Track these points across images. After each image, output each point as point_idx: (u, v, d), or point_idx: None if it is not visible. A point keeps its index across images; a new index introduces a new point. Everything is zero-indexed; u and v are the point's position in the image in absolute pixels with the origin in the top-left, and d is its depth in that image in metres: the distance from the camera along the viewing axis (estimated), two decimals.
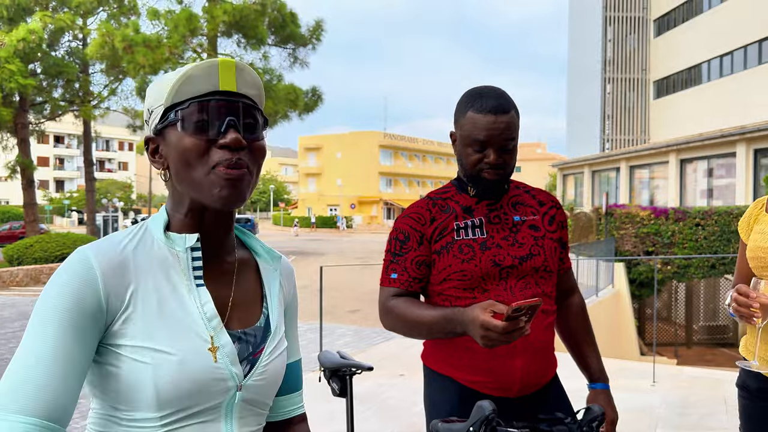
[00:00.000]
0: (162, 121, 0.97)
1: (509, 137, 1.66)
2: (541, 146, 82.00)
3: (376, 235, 50.09)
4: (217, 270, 1.04)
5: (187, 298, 0.97)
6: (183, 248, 0.99)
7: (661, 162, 23.22)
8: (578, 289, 1.98)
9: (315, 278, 8.57)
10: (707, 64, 26.10)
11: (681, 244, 15.95)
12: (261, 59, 24.90)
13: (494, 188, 1.73)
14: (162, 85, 0.98)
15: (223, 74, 0.96)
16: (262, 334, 1.05)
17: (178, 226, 1.02)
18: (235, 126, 0.95)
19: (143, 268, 0.96)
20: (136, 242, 0.98)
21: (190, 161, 0.95)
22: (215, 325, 0.97)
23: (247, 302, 1.07)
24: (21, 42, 19.81)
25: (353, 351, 7.73)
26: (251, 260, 1.12)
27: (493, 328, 1.36)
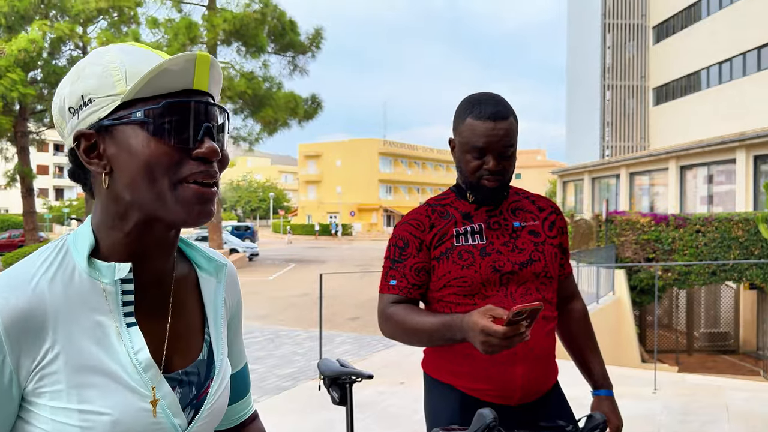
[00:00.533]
0: (113, 116, 0.79)
1: (508, 144, 1.66)
2: (540, 153, 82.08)
3: (376, 242, 50.07)
4: (153, 297, 0.88)
5: (116, 345, 0.80)
6: (111, 281, 0.81)
7: (660, 169, 23.24)
8: (580, 295, 1.97)
9: (315, 286, 8.55)
10: (706, 71, 26.16)
11: (681, 251, 15.93)
12: (261, 67, 25.00)
13: (493, 195, 1.72)
14: (108, 68, 0.80)
15: (198, 71, 0.80)
16: (206, 369, 0.92)
17: (109, 249, 0.83)
18: (210, 133, 0.82)
19: (62, 309, 0.78)
20: (53, 272, 0.79)
21: (155, 171, 0.79)
22: (152, 375, 0.82)
23: (188, 331, 0.91)
24: (22, 51, 19.88)
25: (353, 359, 7.70)
26: (191, 275, 0.95)
27: (493, 333, 1.34)
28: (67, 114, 0.83)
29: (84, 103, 0.81)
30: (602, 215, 16.76)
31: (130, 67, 0.80)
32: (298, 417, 5.28)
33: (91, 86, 0.80)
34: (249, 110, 24.42)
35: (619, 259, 16.01)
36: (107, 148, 0.81)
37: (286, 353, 8.42)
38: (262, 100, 23.69)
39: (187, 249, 0.97)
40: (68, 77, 0.84)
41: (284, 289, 18.20)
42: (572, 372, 1.96)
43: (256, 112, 24.13)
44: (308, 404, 5.56)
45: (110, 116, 0.80)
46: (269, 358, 8.08)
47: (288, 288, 18.60)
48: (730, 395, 5.77)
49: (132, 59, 0.81)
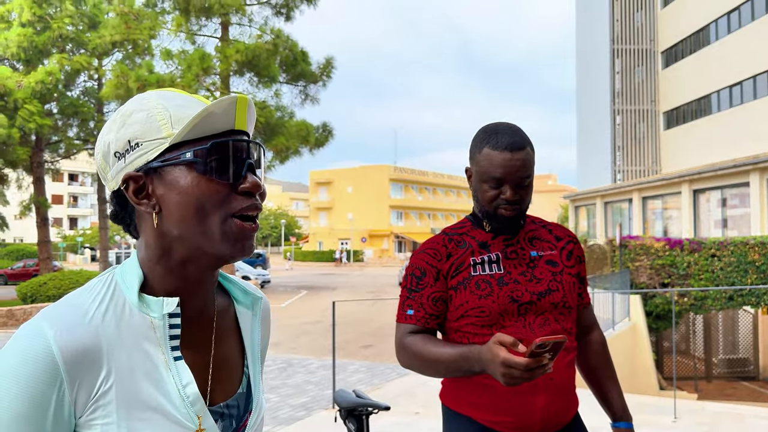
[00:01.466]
0: (161, 159, 0.84)
1: (525, 174, 1.66)
2: (551, 178, 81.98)
3: (387, 268, 49.92)
4: (197, 331, 0.91)
5: (165, 378, 0.83)
6: (160, 315, 0.84)
7: (673, 193, 23.11)
8: (598, 325, 1.94)
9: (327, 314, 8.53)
10: (716, 94, 26.15)
11: (697, 276, 15.74)
12: (273, 97, 25.28)
13: (510, 224, 1.71)
14: (153, 113, 0.85)
15: (239, 112, 0.86)
16: (245, 402, 0.94)
17: (157, 283, 0.87)
18: (254, 169, 0.87)
19: (115, 342, 0.81)
20: (105, 308, 0.83)
21: (206, 208, 0.83)
22: (199, 409, 0.84)
23: (228, 364, 0.94)
24: (39, 84, 20.28)
25: (367, 387, 7.63)
26: (230, 308, 0.99)
27: (515, 365, 1.32)
28: (112, 159, 0.87)
29: (131, 148, 0.85)
30: (616, 240, 16.64)
31: (174, 112, 0.85)
32: None
33: (138, 131, 0.85)
34: (261, 139, 24.64)
35: (634, 284, 15.84)
36: (156, 188, 0.85)
37: (299, 382, 8.36)
38: (274, 128, 23.91)
39: (225, 282, 1.01)
40: (112, 123, 0.88)
41: (296, 317, 18.13)
42: (591, 399, 1.93)
43: (269, 141, 24.34)
44: None
45: (158, 158, 0.84)
46: (282, 388, 8.02)
47: (300, 315, 18.53)
48: (753, 423, 5.64)
49: (174, 104, 0.86)
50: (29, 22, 20.63)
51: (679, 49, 29.65)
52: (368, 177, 64.48)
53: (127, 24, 21.74)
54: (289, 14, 25.25)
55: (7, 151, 20.59)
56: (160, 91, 0.89)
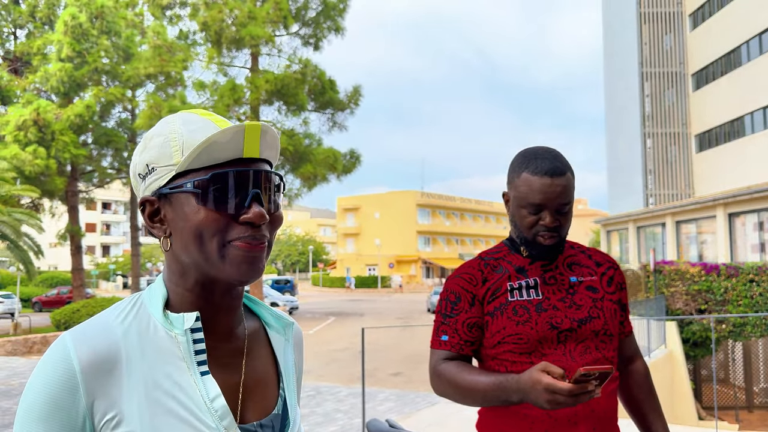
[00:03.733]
0: (171, 185, 0.85)
1: (565, 201, 1.62)
2: (582, 202, 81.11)
3: (415, 294, 49.62)
4: (225, 349, 0.91)
5: (192, 393, 0.83)
6: (182, 330, 0.85)
7: (708, 216, 22.62)
8: (641, 355, 1.87)
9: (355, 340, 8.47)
10: (750, 116, 25.72)
11: (735, 302, 15.29)
12: (301, 124, 25.61)
13: (549, 252, 1.67)
14: (169, 139, 0.86)
15: (248, 140, 0.84)
16: (281, 424, 0.93)
17: (179, 303, 0.89)
18: (259, 198, 0.85)
19: (137, 356, 0.82)
20: (129, 323, 0.85)
21: (204, 235, 0.84)
22: (227, 425, 0.84)
23: (262, 385, 0.94)
24: (77, 116, 20.88)
25: (397, 416, 7.51)
26: (261, 332, 0.99)
27: (558, 390, 1.28)
28: (138, 179, 0.90)
29: (149, 171, 0.88)
30: (650, 265, 16.30)
31: (187, 138, 0.86)
32: None
33: (154, 156, 0.87)
34: (290, 166, 24.91)
35: (670, 310, 15.45)
36: (167, 213, 0.87)
37: (328, 410, 8.27)
38: (303, 156, 24.17)
39: (254, 306, 1.02)
40: (139, 145, 0.91)
41: (325, 344, 18.06)
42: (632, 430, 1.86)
43: (297, 168, 24.60)
44: None
45: (168, 185, 0.86)
46: (312, 416, 7.94)
47: (328, 342, 18.46)
48: None
49: (189, 129, 0.87)
50: (68, 57, 21.32)
51: (710, 71, 29.31)
52: (395, 203, 64.57)
53: (160, 56, 22.34)
54: (317, 44, 25.71)
55: (45, 181, 21.16)
56: (186, 114, 0.90)
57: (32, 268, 19.04)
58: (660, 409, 1.79)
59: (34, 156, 19.72)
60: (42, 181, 21.11)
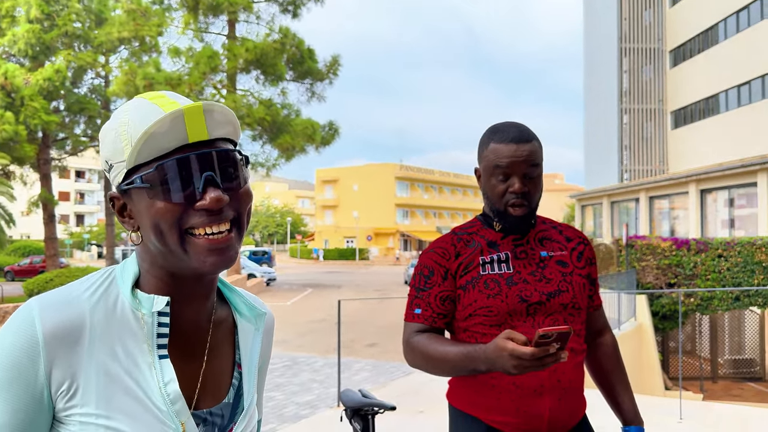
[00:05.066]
0: (126, 182, 0.84)
1: (532, 163, 1.67)
2: (558, 177, 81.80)
3: (393, 266, 49.94)
4: (191, 337, 0.90)
5: (148, 375, 0.83)
6: (149, 312, 0.84)
7: (680, 192, 23.02)
8: (610, 328, 1.93)
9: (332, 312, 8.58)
10: (725, 94, 26.03)
11: (704, 276, 15.68)
12: (279, 94, 25.32)
13: (520, 223, 1.71)
14: (119, 133, 0.83)
15: (190, 124, 0.80)
16: (231, 412, 0.93)
17: (149, 285, 0.88)
18: (213, 181, 0.82)
19: (101, 331, 0.82)
20: (98, 297, 0.84)
21: (161, 228, 0.82)
22: (179, 409, 0.83)
23: (218, 373, 0.93)
24: (47, 81, 20.36)
25: (372, 386, 7.63)
26: (230, 319, 0.97)
27: (522, 355, 1.31)
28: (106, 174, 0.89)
29: (108, 168, 0.87)
30: (622, 240, 16.59)
31: (134, 131, 0.83)
32: None
33: (109, 152, 0.86)
34: (267, 137, 24.67)
35: (640, 284, 15.79)
36: (132, 208, 0.86)
37: (304, 380, 8.37)
38: (280, 126, 23.94)
39: (229, 293, 0.99)
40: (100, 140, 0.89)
41: (302, 315, 18.16)
42: (598, 400, 1.93)
43: (274, 139, 24.37)
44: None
45: (123, 181, 0.85)
46: (288, 386, 8.03)
47: (306, 313, 18.56)
48: (759, 425, 5.62)
49: (135, 120, 0.83)
50: (36, 19, 20.69)
51: (687, 48, 29.51)
52: (374, 175, 64.48)
53: (134, 21, 21.81)
54: (296, 11, 25.28)
55: (14, 148, 20.69)
56: (138, 101, 0.86)
57: (3, 236, 18.72)
58: (627, 381, 1.85)
59: (1, 121, 19.23)
60: (11, 147, 20.62)
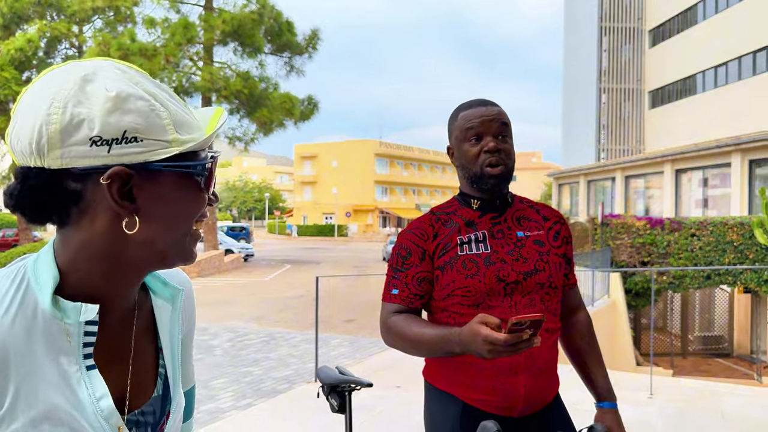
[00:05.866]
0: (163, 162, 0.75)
1: (502, 122, 1.72)
2: (536, 155, 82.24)
3: (372, 243, 50.06)
4: (115, 334, 0.82)
5: (78, 392, 0.75)
6: (76, 322, 0.75)
7: (656, 172, 23.32)
8: (584, 306, 1.96)
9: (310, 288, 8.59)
10: (702, 74, 26.28)
11: (676, 255, 15.97)
12: (257, 67, 24.95)
13: (499, 184, 1.71)
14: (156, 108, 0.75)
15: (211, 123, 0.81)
16: (161, 405, 0.87)
17: (76, 288, 0.76)
18: None
19: (23, 351, 0.72)
20: (14, 311, 0.73)
21: (191, 219, 0.81)
22: (114, 423, 0.77)
23: (143, 367, 0.86)
24: (18, 51, 19.81)
25: (349, 362, 7.69)
26: (147, 302, 0.89)
27: (495, 341, 1.33)
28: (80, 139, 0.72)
29: (125, 140, 0.72)
30: (598, 218, 16.80)
31: (174, 111, 0.76)
32: (294, 421, 5.26)
33: (140, 125, 0.73)
34: (245, 110, 24.37)
35: (615, 262, 16.04)
36: (144, 191, 0.75)
37: (282, 356, 8.40)
38: (258, 100, 23.64)
39: None
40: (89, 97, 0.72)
41: (280, 291, 18.16)
42: (571, 376, 1.96)
43: (252, 113, 24.08)
44: (304, 407, 5.54)
45: (161, 161, 0.75)
46: (265, 361, 8.06)
47: (284, 289, 18.57)
48: (726, 401, 5.78)
49: (166, 99, 0.77)
50: None
51: (666, 28, 29.66)
52: (354, 151, 64.22)
53: None
54: None
55: None
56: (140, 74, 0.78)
57: None
58: (600, 358, 1.89)
59: None
60: None
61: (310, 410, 5.32)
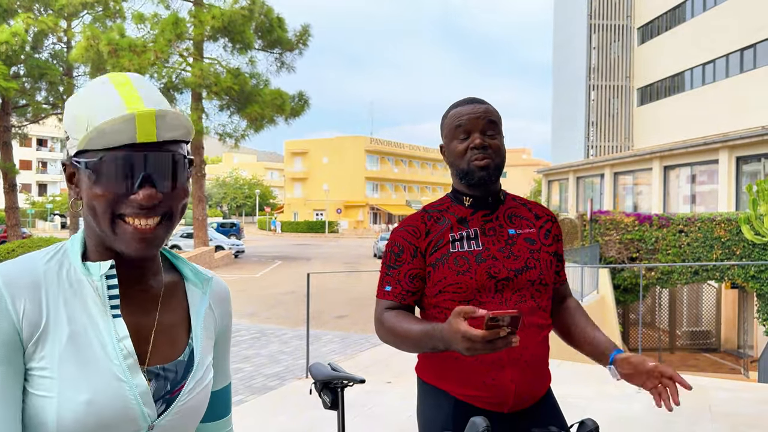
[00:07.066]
0: (74, 158, 0.92)
1: (490, 119, 1.74)
2: (526, 152, 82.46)
3: (362, 239, 50.04)
4: (140, 297, 0.98)
5: (103, 332, 0.91)
6: (98, 276, 0.92)
7: (644, 169, 23.46)
8: (573, 296, 1.99)
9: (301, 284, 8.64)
10: (690, 72, 26.43)
11: (665, 251, 16.10)
12: (248, 64, 24.86)
13: (488, 177, 1.72)
14: (80, 114, 0.92)
15: (141, 127, 0.88)
16: (184, 369, 0.99)
17: (93, 252, 0.97)
18: (150, 180, 0.90)
19: (57, 293, 0.90)
20: (49, 262, 0.93)
21: (96, 209, 0.91)
22: (130, 364, 0.91)
23: (173, 333, 1.00)
24: (4, 44, 19.61)
25: (340, 357, 7.71)
26: (180, 284, 1.06)
27: (473, 338, 1.32)
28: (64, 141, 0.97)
29: (66, 137, 0.94)
30: (587, 214, 16.89)
31: (92, 117, 0.90)
32: (285, 417, 5.28)
33: (70, 124, 0.93)
34: (235, 106, 24.28)
35: (603, 258, 16.15)
36: (78, 179, 0.94)
37: (273, 352, 8.41)
38: (249, 96, 23.56)
39: (175, 261, 1.08)
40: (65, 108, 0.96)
41: (271, 287, 18.14)
42: (565, 373, 1.99)
43: (243, 109, 23.99)
44: (296, 404, 5.56)
45: (74, 156, 0.92)
46: (256, 357, 8.06)
47: (274, 285, 18.55)
48: (714, 395, 5.85)
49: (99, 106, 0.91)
50: None
51: (655, 26, 29.79)
52: (344, 148, 64.11)
53: None
54: None
55: None
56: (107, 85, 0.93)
57: None
58: (595, 324, 1.84)
59: None
60: None
61: (302, 406, 5.33)
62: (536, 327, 1.72)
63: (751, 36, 22.39)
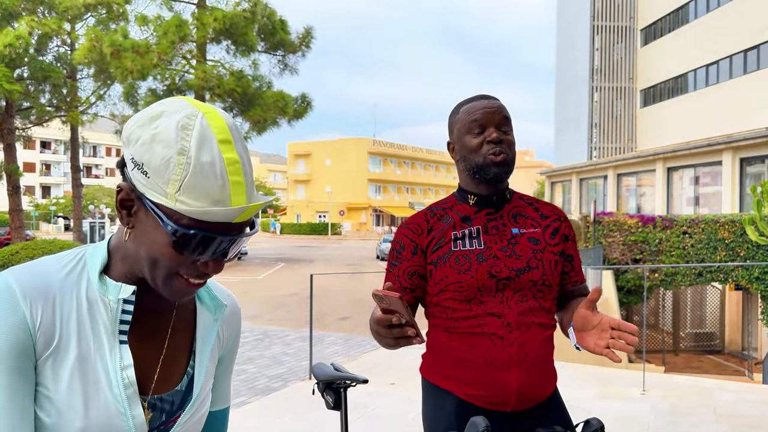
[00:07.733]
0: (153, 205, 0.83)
1: (504, 115, 1.75)
2: (529, 153, 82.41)
3: (365, 241, 50.04)
4: (151, 321, 0.94)
5: (107, 358, 0.87)
6: (115, 298, 0.88)
7: (648, 170, 23.42)
8: None
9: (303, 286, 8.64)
10: (693, 73, 26.39)
11: (668, 252, 16.06)
12: (251, 66, 24.91)
13: (502, 171, 1.72)
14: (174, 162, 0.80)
15: (243, 215, 0.84)
16: (181, 399, 0.96)
17: (118, 272, 0.90)
18: (226, 253, 0.87)
19: (71, 311, 0.86)
20: (66, 275, 0.88)
21: (159, 264, 0.85)
22: (130, 394, 0.88)
23: (175, 360, 0.97)
24: (8, 47, 19.68)
25: (343, 359, 7.70)
26: (190, 306, 1.01)
27: (376, 319, 1.32)
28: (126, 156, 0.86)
29: (139, 168, 0.83)
30: (590, 216, 16.86)
31: (192, 175, 0.80)
32: (289, 418, 5.27)
33: (152, 164, 0.82)
34: (238, 109, 24.32)
35: (607, 259, 16.11)
36: (138, 214, 0.86)
37: (276, 353, 8.40)
38: (252, 98, 23.60)
39: None
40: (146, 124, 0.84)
41: (273, 289, 18.15)
42: (573, 376, 1.97)
43: (246, 111, 24.03)
44: (299, 405, 5.55)
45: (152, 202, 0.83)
46: (259, 359, 8.06)
47: (277, 287, 18.55)
48: (718, 396, 5.83)
49: (202, 163, 0.81)
50: None
51: (658, 27, 29.77)
52: (347, 150, 64.14)
53: None
54: None
55: None
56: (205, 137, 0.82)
57: None
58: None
59: None
60: None
61: (305, 407, 5.32)
62: (539, 326, 1.70)
63: (754, 37, 22.35)
